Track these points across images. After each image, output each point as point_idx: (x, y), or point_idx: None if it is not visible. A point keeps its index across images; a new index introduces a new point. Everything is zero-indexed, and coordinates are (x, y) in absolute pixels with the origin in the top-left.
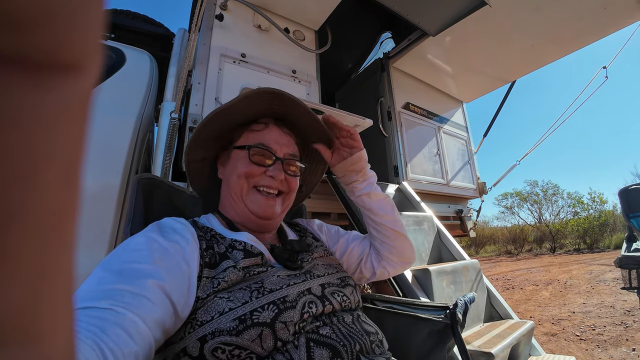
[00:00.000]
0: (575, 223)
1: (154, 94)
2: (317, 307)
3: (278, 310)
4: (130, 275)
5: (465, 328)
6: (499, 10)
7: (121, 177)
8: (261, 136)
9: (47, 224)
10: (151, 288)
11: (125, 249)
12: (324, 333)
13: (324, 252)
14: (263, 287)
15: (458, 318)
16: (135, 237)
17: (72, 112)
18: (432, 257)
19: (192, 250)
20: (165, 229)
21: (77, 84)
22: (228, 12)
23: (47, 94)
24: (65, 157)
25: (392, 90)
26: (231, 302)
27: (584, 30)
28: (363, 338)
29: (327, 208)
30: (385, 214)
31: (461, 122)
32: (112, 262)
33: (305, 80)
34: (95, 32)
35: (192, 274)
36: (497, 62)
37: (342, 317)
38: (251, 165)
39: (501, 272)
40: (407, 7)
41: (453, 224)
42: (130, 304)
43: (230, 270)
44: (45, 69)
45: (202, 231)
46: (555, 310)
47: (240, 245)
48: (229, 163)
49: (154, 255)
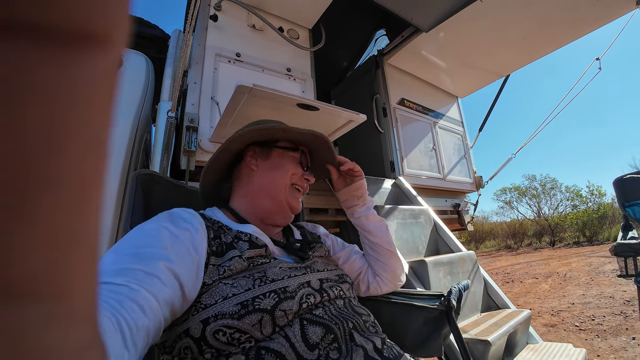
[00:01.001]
0: (574, 216)
1: (151, 94)
2: (315, 299)
3: (278, 298)
4: (143, 257)
5: (462, 318)
6: (491, 5)
7: (120, 177)
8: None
9: (76, 191)
10: (162, 269)
11: (137, 235)
12: (316, 313)
13: (325, 253)
14: (265, 276)
15: (452, 304)
16: (146, 224)
17: (102, 84)
18: (429, 250)
19: (201, 238)
20: (176, 218)
21: (106, 56)
22: (222, 13)
23: (78, 66)
24: (95, 128)
25: (387, 87)
26: (235, 288)
27: (577, 23)
28: (355, 318)
29: (324, 204)
30: (381, 235)
31: (457, 117)
32: (125, 247)
33: (300, 78)
34: (124, 3)
35: (201, 260)
36: (490, 57)
37: (335, 302)
38: (298, 166)
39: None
40: (399, 3)
41: (451, 217)
42: (143, 282)
43: (236, 260)
44: (76, 42)
45: (209, 222)
46: (554, 302)
47: (245, 236)
48: (268, 159)
49: (165, 241)
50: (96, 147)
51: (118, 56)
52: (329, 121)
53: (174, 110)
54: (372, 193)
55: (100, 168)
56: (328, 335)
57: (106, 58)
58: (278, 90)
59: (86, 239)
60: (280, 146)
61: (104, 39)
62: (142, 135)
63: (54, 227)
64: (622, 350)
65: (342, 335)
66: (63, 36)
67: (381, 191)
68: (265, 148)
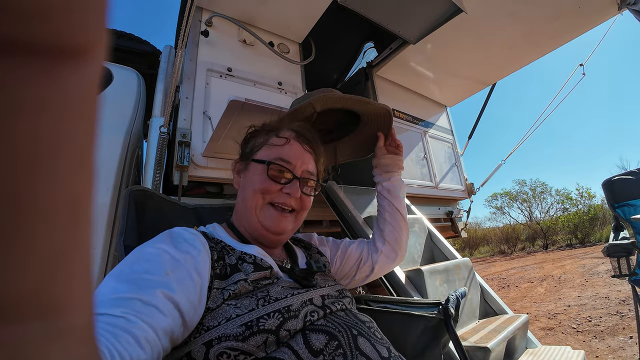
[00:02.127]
0: (565, 219)
1: (142, 110)
2: (318, 315)
3: (283, 318)
4: (142, 285)
5: (460, 325)
6: (476, 16)
7: (111, 193)
8: (281, 151)
9: (60, 209)
10: (161, 299)
11: (137, 260)
12: (319, 323)
13: (325, 271)
14: (269, 295)
15: (451, 312)
16: (146, 247)
17: (85, 96)
18: (425, 258)
19: (204, 260)
20: (177, 239)
21: (88, 68)
22: (213, 28)
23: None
24: (81, 140)
25: (377, 98)
26: (238, 309)
27: (560, 30)
28: (359, 325)
29: (318, 216)
30: (403, 204)
31: (446, 126)
32: (124, 272)
33: (291, 92)
34: (103, 16)
35: (204, 284)
36: (477, 66)
37: (336, 313)
38: (268, 181)
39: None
40: (387, 17)
41: (444, 225)
42: (141, 312)
43: (241, 284)
44: (57, 55)
45: (212, 242)
46: (551, 305)
47: (250, 258)
48: (246, 174)
49: (166, 266)
50: (83, 160)
51: (99, 68)
52: None
53: (167, 125)
54: (366, 203)
55: (88, 181)
56: (332, 341)
57: (88, 70)
58: (270, 104)
59: (79, 255)
60: (255, 159)
61: (85, 52)
62: (133, 151)
63: (45, 245)
64: (620, 349)
65: (346, 342)
66: (44, 50)
67: (374, 201)
68: (244, 162)
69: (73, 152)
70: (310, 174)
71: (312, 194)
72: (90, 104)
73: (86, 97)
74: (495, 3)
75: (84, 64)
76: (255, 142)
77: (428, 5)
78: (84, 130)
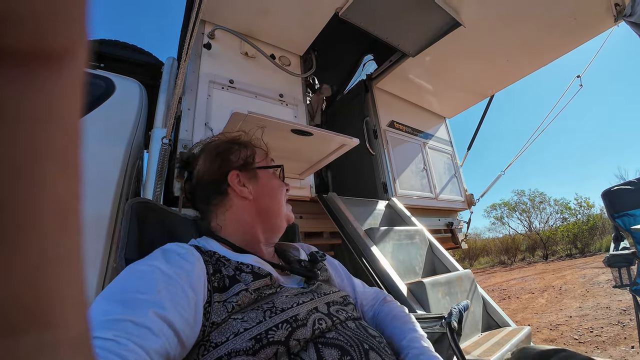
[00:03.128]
0: (564, 229)
1: (144, 121)
2: (326, 323)
3: (291, 328)
4: (133, 306)
5: (463, 338)
6: (474, 29)
7: (111, 205)
8: (268, 157)
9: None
10: (154, 319)
11: (129, 278)
12: (330, 336)
13: (327, 277)
14: (275, 306)
15: (454, 326)
16: (138, 264)
17: (65, 102)
18: (426, 270)
19: (198, 275)
20: (170, 255)
21: (67, 73)
22: (216, 41)
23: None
24: (63, 147)
25: (376, 110)
26: (245, 322)
27: (556, 43)
28: (369, 339)
29: (319, 227)
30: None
31: (445, 137)
32: (115, 292)
33: (292, 104)
34: (80, 20)
35: (199, 300)
36: (475, 79)
37: (346, 324)
38: (282, 183)
39: (496, 282)
40: (386, 30)
41: (444, 236)
42: (133, 335)
43: (243, 294)
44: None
45: (207, 255)
46: (552, 316)
47: (247, 267)
48: (258, 182)
49: (158, 284)
50: (68, 167)
51: (79, 73)
52: (322, 146)
53: (168, 136)
54: (366, 215)
55: (74, 189)
56: (344, 357)
57: (66, 75)
58: (272, 116)
59: (69, 264)
60: (261, 166)
61: (63, 56)
62: (134, 163)
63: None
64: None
65: (358, 356)
66: (22, 55)
67: (375, 213)
68: (249, 171)
69: (55, 157)
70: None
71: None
72: (71, 108)
73: (67, 102)
74: (493, 17)
75: (61, 68)
76: (247, 153)
77: (427, 19)
78: (65, 136)
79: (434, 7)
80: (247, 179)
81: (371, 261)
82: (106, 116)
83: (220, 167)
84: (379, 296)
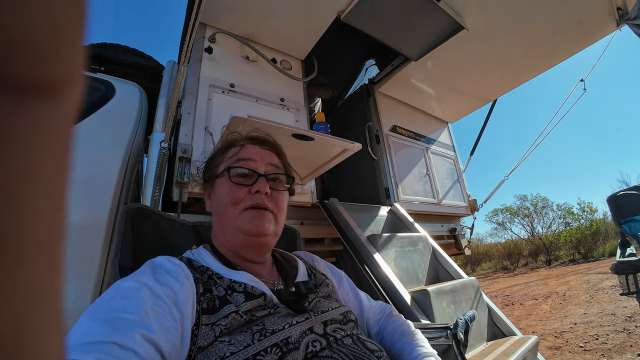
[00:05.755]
0: (567, 234)
1: (144, 125)
2: (320, 344)
3: (281, 352)
4: (119, 327)
5: (468, 348)
6: (477, 33)
7: (110, 208)
8: (238, 154)
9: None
10: (140, 342)
11: (115, 296)
12: (323, 355)
13: (329, 292)
14: (265, 328)
15: (460, 338)
16: (125, 281)
17: (57, 133)
18: (430, 278)
19: (186, 296)
20: (159, 271)
21: (61, 104)
22: (216, 45)
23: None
24: (52, 178)
25: (378, 114)
26: (232, 345)
27: (560, 47)
28: (367, 355)
29: (320, 234)
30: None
31: (448, 142)
32: (100, 311)
33: (293, 108)
34: (77, 53)
35: (186, 322)
36: (477, 83)
37: (342, 341)
38: (235, 187)
39: (499, 288)
40: (388, 34)
41: (447, 242)
42: (118, 358)
43: (232, 317)
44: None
45: (198, 272)
46: (557, 323)
47: (240, 287)
48: (214, 194)
49: (145, 304)
50: (55, 199)
51: (74, 104)
52: (324, 151)
53: (167, 140)
54: (369, 221)
55: (59, 220)
56: None
57: (62, 106)
58: (273, 120)
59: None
60: (218, 173)
61: (60, 87)
62: (133, 166)
63: (14, 290)
64: None
65: None
66: (19, 84)
67: (377, 219)
68: (210, 183)
69: (43, 188)
70: (275, 167)
71: (282, 189)
72: (63, 140)
73: (60, 133)
74: (496, 20)
75: (57, 99)
76: (215, 162)
77: (430, 22)
78: (55, 167)
79: (437, 10)
80: (210, 190)
81: (373, 268)
82: (105, 119)
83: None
84: (385, 310)
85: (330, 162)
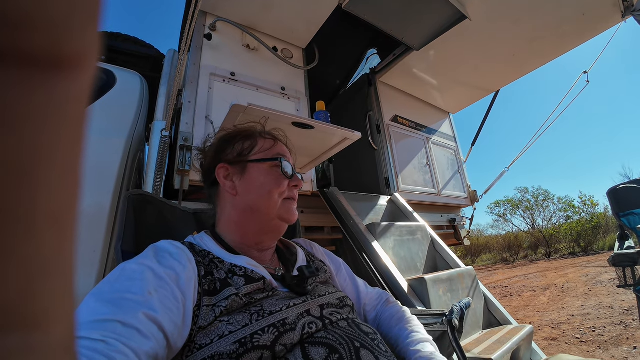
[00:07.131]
0: (568, 227)
1: (145, 113)
2: (316, 326)
3: (278, 332)
4: (122, 306)
5: (464, 336)
6: (480, 23)
7: (112, 197)
8: (276, 149)
9: (50, 220)
10: (143, 320)
11: (119, 278)
12: (318, 336)
13: (327, 278)
14: (263, 309)
15: (455, 324)
16: (129, 264)
17: (72, 109)
18: (428, 267)
19: (189, 277)
20: (162, 254)
21: (77, 79)
22: (217, 33)
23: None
24: (67, 154)
25: (380, 104)
26: (231, 325)
27: (563, 38)
28: (361, 337)
29: (320, 222)
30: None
31: (449, 133)
32: (105, 291)
33: (294, 97)
34: (93, 28)
35: (188, 303)
36: (480, 73)
37: (338, 324)
38: (282, 178)
39: (498, 279)
40: (390, 23)
41: (447, 233)
42: (122, 335)
43: (233, 299)
44: (45, 65)
45: (200, 256)
46: (554, 315)
47: (240, 270)
48: (245, 177)
49: (148, 285)
50: (69, 174)
51: (89, 78)
52: (324, 139)
53: (168, 129)
54: (368, 210)
55: (74, 196)
56: (332, 355)
57: (77, 81)
58: (273, 109)
59: (61, 269)
60: (254, 159)
61: (74, 62)
62: (135, 155)
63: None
64: None
65: (347, 355)
66: (34, 59)
67: (377, 208)
68: (237, 165)
69: (58, 164)
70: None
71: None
72: (78, 115)
73: (75, 109)
74: (499, 10)
75: (73, 74)
76: (243, 145)
77: (432, 11)
78: (70, 142)
79: None
80: (235, 172)
81: (372, 257)
82: (107, 108)
83: (214, 159)
84: (382, 297)
85: (331, 151)
